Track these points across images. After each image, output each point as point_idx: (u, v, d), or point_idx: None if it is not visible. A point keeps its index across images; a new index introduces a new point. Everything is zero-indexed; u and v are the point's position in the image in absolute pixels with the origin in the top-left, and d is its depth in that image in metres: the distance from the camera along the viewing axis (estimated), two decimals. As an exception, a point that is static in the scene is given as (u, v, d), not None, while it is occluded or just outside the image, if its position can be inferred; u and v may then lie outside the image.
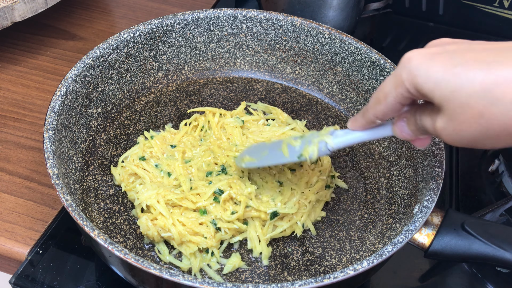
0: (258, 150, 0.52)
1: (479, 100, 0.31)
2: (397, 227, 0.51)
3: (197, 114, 0.61)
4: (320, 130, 0.48)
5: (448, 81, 0.32)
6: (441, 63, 0.33)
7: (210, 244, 0.49)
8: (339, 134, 0.44)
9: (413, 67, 0.34)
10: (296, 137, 0.48)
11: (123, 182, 0.54)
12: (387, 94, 0.36)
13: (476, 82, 0.31)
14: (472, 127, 0.32)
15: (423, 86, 0.33)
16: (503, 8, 0.83)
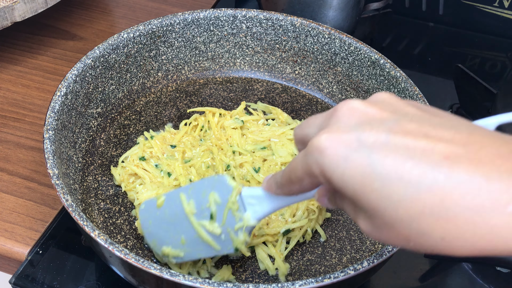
0: (165, 230, 0.44)
1: (405, 227, 0.26)
2: (397, 227, 0.51)
3: (197, 114, 0.60)
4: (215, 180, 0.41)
5: (368, 196, 0.27)
6: (358, 168, 0.27)
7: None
8: (253, 204, 0.39)
9: (325, 163, 0.28)
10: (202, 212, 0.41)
11: (123, 182, 0.54)
12: (301, 179, 0.31)
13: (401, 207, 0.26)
14: (399, 243, 0.28)
15: (340, 189, 0.28)
16: (503, 8, 0.83)
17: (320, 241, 0.52)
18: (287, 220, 0.50)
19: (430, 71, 0.80)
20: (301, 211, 0.51)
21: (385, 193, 0.26)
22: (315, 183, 0.31)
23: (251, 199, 0.39)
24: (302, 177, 0.31)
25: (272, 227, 0.50)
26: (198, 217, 0.42)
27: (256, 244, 0.50)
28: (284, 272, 0.49)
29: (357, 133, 0.28)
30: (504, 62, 0.83)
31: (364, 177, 0.27)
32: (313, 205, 0.52)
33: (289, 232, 0.51)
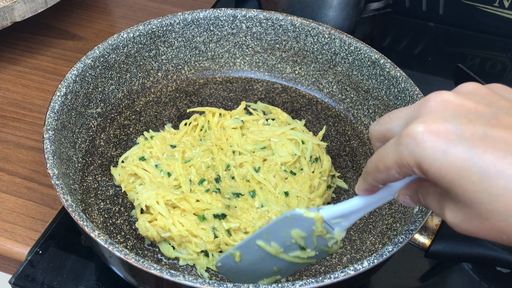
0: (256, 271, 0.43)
1: (502, 220, 0.27)
2: (398, 227, 0.51)
3: (197, 114, 0.60)
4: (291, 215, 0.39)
5: (466, 190, 0.27)
6: (456, 161, 0.27)
7: (208, 248, 0.49)
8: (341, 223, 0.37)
9: (422, 155, 0.28)
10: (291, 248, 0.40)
11: (123, 183, 0.54)
12: (389, 168, 0.31)
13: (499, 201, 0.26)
14: (490, 236, 0.28)
15: (436, 181, 0.28)
16: (503, 8, 0.83)
17: (346, 252, 0.52)
18: None
19: (430, 71, 0.80)
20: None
21: (484, 187, 0.26)
22: (403, 173, 0.30)
23: (334, 220, 0.37)
24: (390, 167, 0.30)
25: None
26: (287, 252, 0.41)
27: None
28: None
29: (455, 126, 0.27)
30: (504, 62, 0.83)
31: (462, 170, 0.27)
32: (313, 205, 0.52)
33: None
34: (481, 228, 0.28)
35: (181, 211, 0.50)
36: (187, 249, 0.49)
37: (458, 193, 0.28)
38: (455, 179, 0.27)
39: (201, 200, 0.51)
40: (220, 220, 0.49)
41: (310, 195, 0.53)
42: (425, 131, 0.28)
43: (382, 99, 0.60)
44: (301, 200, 0.52)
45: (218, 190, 0.52)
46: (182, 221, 0.49)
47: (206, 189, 0.51)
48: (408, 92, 0.56)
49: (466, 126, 0.27)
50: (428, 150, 0.27)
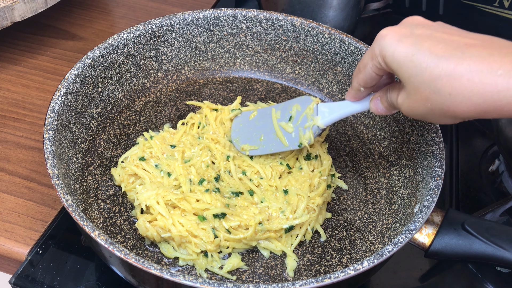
0: (250, 132, 0.55)
1: (426, 88, 0.38)
2: (397, 227, 0.51)
3: (192, 113, 0.61)
4: (301, 98, 0.53)
5: (407, 66, 0.38)
6: (405, 47, 0.38)
7: (208, 248, 0.49)
8: (325, 112, 0.50)
9: (383, 45, 0.40)
10: (285, 117, 0.53)
11: (123, 183, 0.54)
12: (366, 64, 0.43)
13: (426, 72, 0.37)
14: (421, 107, 0.39)
15: (390, 64, 0.40)
16: (503, 8, 0.83)
17: (320, 241, 0.52)
18: (288, 217, 0.51)
19: (430, 71, 0.80)
20: (301, 209, 0.51)
21: (418, 63, 0.37)
22: (375, 67, 0.42)
23: (324, 108, 0.50)
24: (367, 62, 0.42)
25: (273, 223, 0.50)
26: (279, 120, 0.53)
27: (259, 239, 0.50)
28: (293, 267, 0.50)
29: (411, 28, 0.39)
30: (504, 62, 0.83)
31: (407, 53, 0.38)
32: (313, 203, 0.52)
33: (292, 229, 0.51)
34: (415, 100, 0.39)
35: (181, 211, 0.50)
36: (187, 249, 0.49)
37: (402, 73, 0.39)
38: (401, 61, 0.38)
39: (201, 200, 0.51)
40: (220, 220, 0.49)
41: (310, 194, 0.53)
42: (388, 31, 0.40)
43: (382, 99, 0.60)
44: (301, 198, 0.52)
45: (218, 190, 0.52)
46: (182, 221, 0.49)
47: (206, 189, 0.51)
48: (408, 92, 0.56)
49: (419, 29, 0.39)
50: (387, 41, 0.39)
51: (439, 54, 0.37)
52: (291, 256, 0.50)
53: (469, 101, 0.36)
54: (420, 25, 0.40)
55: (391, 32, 0.40)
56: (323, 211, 0.54)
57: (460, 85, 0.36)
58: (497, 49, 0.36)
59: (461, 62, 0.36)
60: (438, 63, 0.37)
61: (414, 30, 0.39)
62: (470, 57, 0.36)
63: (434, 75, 0.37)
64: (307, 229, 0.52)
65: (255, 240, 0.50)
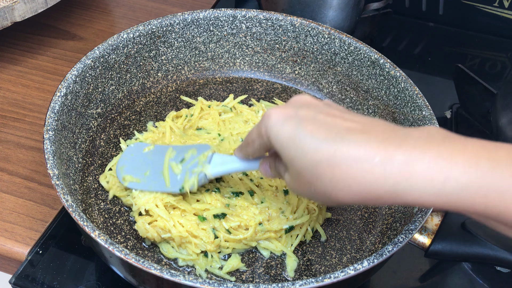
0: (138, 164, 0.53)
1: (308, 173, 0.36)
2: (397, 227, 0.51)
3: (184, 109, 0.61)
4: (201, 145, 0.52)
5: (289, 148, 0.37)
6: (288, 129, 0.37)
7: (208, 249, 0.49)
8: (217, 163, 0.49)
9: (268, 126, 0.39)
10: (177, 158, 0.51)
11: (111, 189, 0.53)
12: (253, 140, 0.42)
13: (307, 156, 0.36)
14: (306, 190, 0.38)
15: (274, 144, 0.39)
16: (503, 8, 0.83)
17: (321, 241, 0.52)
18: (288, 217, 0.51)
19: (430, 71, 0.80)
20: (301, 209, 0.51)
21: (300, 146, 0.36)
22: (262, 144, 0.41)
23: (218, 159, 0.49)
24: (254, 139, 0.42)
25: (273, 223, 0.50)
26: (171, 160, 0.51)
27: (259, 240, 0.50)
28: (293, 267, 0.50)
29: (296, 109, 0.38)
30: (504, 62, 0.83)
31: (290, 135, 0.37)
32: (313, 203, 0.52)
33: (292, 229, 0.51)
34: (299, 183, 0.38)
35: (181, 212, 0.50)
36: (187, 249, 0.49)
37: (285, 155, 0.38)
38: (284, 142, 0.37)
39: (201, 200, 0.51)
40: (220, 220, 0.49)
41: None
42: (274, 111, 0.39)
43: (382, 99, 0.60)
44: (301, 198, 0.52)
45: (218, 190, 0.52)
46: (182, 221, 0.49)
47: (206, 189, 0.51)
48: (407, 92, 0.56)
49: (303, 110, 0.38)
50: (272, 122, 0.38)
51: (320, 138, 0.35)
52: (291, 257, 0.50)
53: (349, 189, 0.34)
54: (305, 106, 0.39)
55: (276, 113, 0.38)
56: (323, 211, 0.54)
57: (340, 172, 0.34)
58: (375, 134, 0.35)
59: (340, 148, 0.34)
60: (318, 147, 0.35)
61: (299, 111, 0.38)
62: (349, 142, 0.34)
63: (315, 160, 0.35)
64: (307, 229, 0.52)
65: (255, 241, 0.50)
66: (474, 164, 0.32)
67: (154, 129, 0.59)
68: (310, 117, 0.37)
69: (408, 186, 0.33)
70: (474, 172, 0.32)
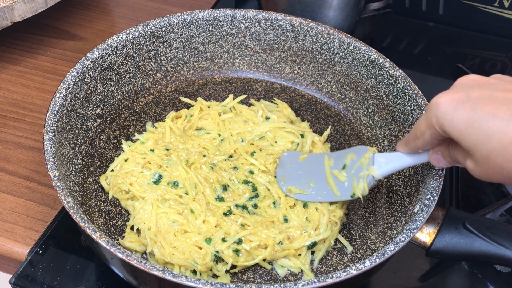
0: (299, 175, 0.53)
1: (498, 156, 0.34)
2: (398, 226, 0.51)
3: (184, 109, 0.61)
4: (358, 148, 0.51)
5: (470, 134, 0.35)
6: (463, 114, 0.36)
7: (199, 269, 0.47)
8: (381, 162, 0.48)
9: (439, 114, 0.37)
10: (338, 165, 0.51)
11: (111, 190, 0.53)
12: (423, 132, 0.41)
13: (494, 139, 0.34)
14: (496, 175, 0.36)
15: (450, 133, 0.37)
16: (503, 8, 0.83)
17: (347, 252, 0.52)
18: (310, 233, 0.50)
19: (430, 71, 0.80)
20: (325, 223, 0.51)
21: (483, 129, 0.35)
22: (434, 135, 0.40)
23: (381, 159, 0.48)
24: (424, 131, 0.40)
25: (295, 242, 0.49)
26: (332, 168, 0.52)
27: (277, 259, 0.49)
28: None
29: (467, 91, 0.37)
30: (504, 62, 0.83)
31: (468, 119, 0.35)
32: (335, 216, 0.52)
33: (315, 245, 0.50)
34: (487, 168, 0.36)
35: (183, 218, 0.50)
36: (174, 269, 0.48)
37: (466, 141, 0.36)
38: (463, 127, 0.36)
39: (207, 221, 0.50)
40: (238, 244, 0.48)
41: (330, 207, 0.52)
42: (442, 97, 0.37)
43: (382, 98, 0.60)
44: (321, 212, 0.51)
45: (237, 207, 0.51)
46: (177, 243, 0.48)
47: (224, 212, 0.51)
48: (407, 91, 0.56)
49: (475, 91, 0.36)
50: (443, 110, 0.37)
51: (505, 117, 0.34)
52: (308, 275, 0.49)
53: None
54: (476, 86, 0.37)
55: (445, 99, 0.37)
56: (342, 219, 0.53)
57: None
58: None
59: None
60: (506, 127, 0.34)
61: (470, 92, 0.36)
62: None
63: (505, 142, 0.34)
64: (330, 242, 0.51)
65: (273, 259, 0.49)
66: None
67: (154, 129, 0.59)
68: (485, 97, 0.35)
69: None
70: None
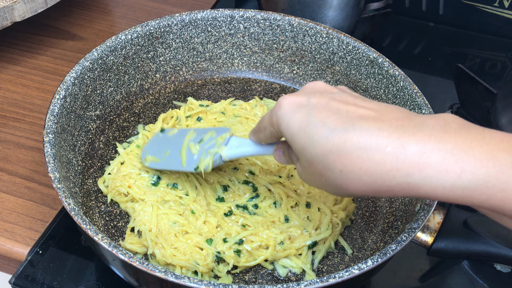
0: (160, 145, 0.54)
1: (319, 163, 0.35)
2: (399, 225, 0.51)
3: (176, 109, 0.61)
4: (221, 128, 0.51)
5: (299, 137, 0.36)
6: (299, 118, 0.36)
7: (201, 270, 0.47)
8: (233, 145, 0.48)
9: (279, 115, 0.37)
10: (196, 139, 0.51)
11: (110, 193, 0.53)
12: (265, 127, 0.41)
13: (318, 145, 0.34)
14: (317, 181, 0.36)
15: (284, 134, 0.38)
16: (503, 8, 0.83)
17: (347, 254, 0.52)
18: (310, 233, 0.50)
19: (430, 71, 0.80)
20: (326, 223, 0.51)
21: (310, 135, 0.35)
22: (273, 132, 0.40)
23: (234, 142, 0.48)
24: (266, 126, 0.41)
25: (296, 242, 0.49)
26: (191, 141, 0.51)
27: (278, 259, 0.49)
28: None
29: (308, 96, 0.37)
30: (504, 62, 0.83)
31: (301, 123, 0.36)
32: (337, 217, 0.52)
33: (315, 245, 0.50)
34: (310, 173, 0.36)
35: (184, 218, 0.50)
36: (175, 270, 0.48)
37: (295, 145, 0.36)
38: (295, 132, 0.36)
39: (208, 222, 0.50)
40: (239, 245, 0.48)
41: (333, 208, 0.52)
42: (286, 99, 0.37)
43: (381, 98, 0.60)
44: (323, 213, 0.51)
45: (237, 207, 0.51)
46: (178, 244, 0.48)
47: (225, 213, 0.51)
48: (406, 90, 0.56)
49: (316, 98, 0.37)
50: (283, 111, 0.37)
51: (331, 126, 0.34)
52: (310, 275, 0.49)
53: (360, 180, 0.33)
54: (318, 93, 0.37)
55: (288, 101, 0.37)
56: (345, 224, 0.53)
57: (350, 162, 0.33)
58: (388, 121, 0.33)
59: (351, 137, 0.33)
60: (329, 136, 0.34)
61: (311, 98, 0.36)
62: (361, 130, 0.33)
63: (325, 150, 0.34)
64: (330, 243, 0.51)
65: (274, 259, 0.49)
66: (492, 157, 0.30)
67: (146, 132, 0.58)
68: (322, 104, 0.36)
69: (421, 178, 0.31)
70: (492, 165, 0.30)
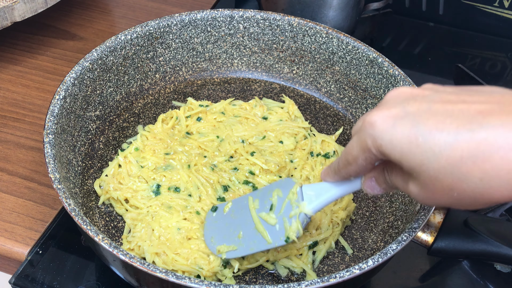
0: (226, 229, 0.47)
1: (448, 176, 0.30)
2: (399, 225, 0.51)
3: (176, 109, 0.61)
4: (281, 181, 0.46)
5: (414, 153, 0.31)
6: (404, 131, 0.31)
7: (204, 275, 0.47)
8: (311, 196, 0.42)
9: (376, 134, 0.32)
10: (265, 206, 0.45)
11: (103, 196, 0.53)
12: (356, 157, 0.35)
13: (442, 158, 0.30)
14: (445, 197, 0.32)
15: (390, 154, 0.32)
16: (503, 8, 0.83)
17: (348, 254, 0.52)
18: (311, 233, 0.50)
19: (430, 71, 0.80)
20: (326, 223, 0.50)
21: (427, 146, 0.30)
22: (369, 159, 0.35)
23: (310, 192, 0.42)
24: (357, 155, 0.35)
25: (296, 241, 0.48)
26: (259, 211, 0.45)
27: (279, 259, 0.49)
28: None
29: (403, 106, 0.32)
30: (504, 62, 0.83)
31: (410, 137, 0.31)
32: (337, 217, 0.52)
33: (316, 245, 0.50)
34: (435, 191, 0.32)
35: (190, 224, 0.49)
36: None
37: (409, 162, 0.31)
38: (405, 147, 0.31)
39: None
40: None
41: (333, 207, 0.52)
42: (376, 115, 0.32)
43: (381, 97, 0.60)
44: (323, 213, 0.51)
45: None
46: (180, 251, 0.47)
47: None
48: (406, 92, 0.56)
49: (412, 105, 0.32)
50: (380, 129, 0.32)
51: (452, 131, 0.29)
52: (311, 275, 0.49)
53: (509, 184, 0.29)
54: (411, 99, 0.33)
55: (380, 117, 0.32)
56: (345, 224, 0.53)
57: (492, 167, 0.28)
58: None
59: (484, 138, 0.28)
60: (454, 143, 0.29)
61: (407, 107, 0.32)
62: (493, 128, 0.28)
63: (454, 160, 0.29)
64: (330, 243, 0.51)
65: (275, 260, 0.49)
66: None
67: (147, 133, 0.57)
68: (424, 110, 0.31)
69: None
70: None
